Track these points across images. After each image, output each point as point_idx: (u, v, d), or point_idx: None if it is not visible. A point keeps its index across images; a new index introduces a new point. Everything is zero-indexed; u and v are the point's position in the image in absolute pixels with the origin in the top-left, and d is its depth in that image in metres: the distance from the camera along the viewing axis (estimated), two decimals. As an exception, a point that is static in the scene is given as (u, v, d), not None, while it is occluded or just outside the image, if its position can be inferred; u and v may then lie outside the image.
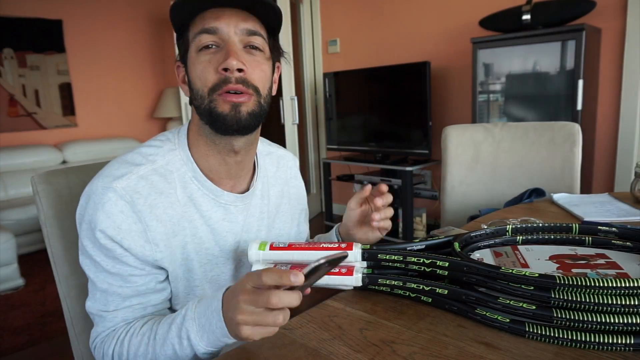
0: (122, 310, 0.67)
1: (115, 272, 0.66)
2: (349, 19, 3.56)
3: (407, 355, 0.53)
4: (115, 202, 0.64)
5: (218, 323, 0.56)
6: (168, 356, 0.61)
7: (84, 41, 3.96)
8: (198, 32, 0.66)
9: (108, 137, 4.04)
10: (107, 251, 0.65)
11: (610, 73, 2.41)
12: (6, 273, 2.62)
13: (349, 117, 3.37)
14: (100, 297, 0.67)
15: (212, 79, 0.65)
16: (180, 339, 0.59)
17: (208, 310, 0.58)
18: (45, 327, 2.18)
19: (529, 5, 2.29)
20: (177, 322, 0.61)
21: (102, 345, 0.67)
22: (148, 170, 0.68)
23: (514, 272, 0.56)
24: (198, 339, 0.58)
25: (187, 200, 0.71)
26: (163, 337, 0.61)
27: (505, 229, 0.79)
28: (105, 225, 0.64)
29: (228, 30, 0.66)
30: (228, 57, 0.64)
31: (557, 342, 0.53)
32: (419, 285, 0.65)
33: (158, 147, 0.72)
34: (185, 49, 0.69)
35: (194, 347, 0.59)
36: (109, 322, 0.67)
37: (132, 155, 0.71)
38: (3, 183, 3.39)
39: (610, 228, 0.77)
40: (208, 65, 0.66)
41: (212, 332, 0.57)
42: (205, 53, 0.66)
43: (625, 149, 2.40)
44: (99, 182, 0.66)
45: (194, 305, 0.60)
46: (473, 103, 2.57)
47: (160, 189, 0.68)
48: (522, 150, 1.55)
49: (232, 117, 0.65)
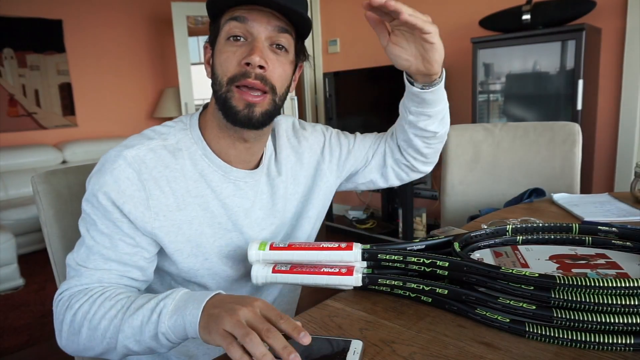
0: (100, 271, 0.67)
1: (107, 232, 0.68)
2: (349, 19, 3.56)
3: (407, 355, 0.53)
4: (124, 168, 0.67)
5: (193, 311, 0.55)
6: (133, 327, 0.60)
7: (84, 41, 3.96)
8: (229, 19, 0.68)
9: (108, 137, 4.05)
10: (106, 213, 0.67)
11: (610, 73, 2.41)
12: (6, 273, 2.63)
13: (349, 117, 3.37)
14: (84, 253, 0.68)
15: (232, 69, 0.68)
16: (151, 312, 0.59)
17: (191, 298, 0.58)
18: (45, 327, 2.18)
19: (529, 5, 2.29)
20: (159, 296, 0.61)
21: (69, 299, 0.65)
22: (158, 145, 0.72)
23: (514, 272, 0.56)
24: (167, 317, 0.57)
25: (198, 177, 0.73)
26: (139, 305, 0.60)
27: (505, 229, 0.79)
28: (110, 188, 0.66)
29: (258, 24, 0.68)
30: (252, 52, 0.66)
31: (557, 342, 0.53)
32: (419, 285, 0.65)
33: (171, 127, 0.76)
34: (215, 34, 0.71)
35: (159, 323, 0.57)
36: (84, 279, 0.67)
37: (147, 131, 0.75)
38: (3, 183, 3.39)
39: (610, 228, 0.77)
40: (232, 55, 0.68)
41: (182, 316, 0.56)
42: (233, 44, 0.68)
43: (625, 149, 2.40)
44: (112, 151, 0.70)
45: (183, 290, 0.61)
46: (473, 103, 2.57)
47: (167, 163, 0.71)
48: (522, 150, 1.55)
49: (245, 115, 0.69)
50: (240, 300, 0.54)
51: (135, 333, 0.60)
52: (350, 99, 3.37)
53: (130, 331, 0.60)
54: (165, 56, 4.45)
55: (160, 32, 4.43)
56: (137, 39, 4.31)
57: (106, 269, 0.68)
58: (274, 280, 0.69)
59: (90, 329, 0.63)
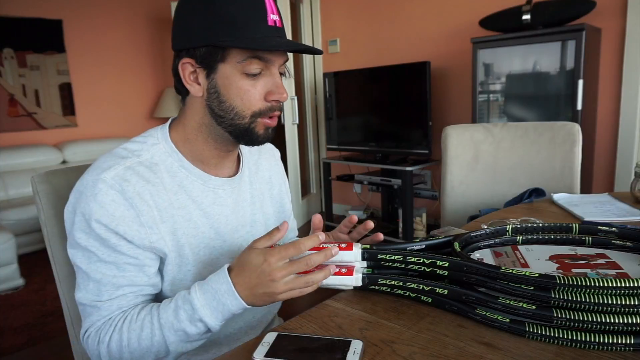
0: (116, 299, 0.68)
1: (111, 260, 0.67)
2: (349, 19, 3.56)
3: (407, 355, 0.53)
4: (106, 192, 0.67)
5: (234, 302, 0.62)
6: (179, 337, 0.65)
7: (84, 41, 3.96)
8: (250, 57, 0.68)
9: (108, 137, 4.05)
10: (103, 240, 0.66)
11: (610, 73, 2.41)
12: (6, 273, 2.63)
13: (349, 117, 3.37)
14: (94, 288, 0.68)
15: (258, 104, 0.71)
16: (193, 323, 0.64)
17: (218, 294, 0.63)
18: (45, 327, 2.18)
19: (529, 5, 2.29)
20: (185, 310, 0.64)
21: (97, 333, 0.67)
22: (134, 162, 0.71)
23: (514, 272, 0.56)
24: (213, 319, 0.63)
25: (177, 188, 0.74)
26: (170, 323, 0.64)
27: (505, 229, 0.79)
28: (100, 215, 0.66)
29: (275, 62, 0.71)
30: (282, 91, 0.71)
31: (557, 342, 0.53)
32: (419, 285, 0.65)
33: (141, 142, 0.75)
34: (216, 59, 0.69)
35: (210, 326, 0.64)
36: (104, 312, 0.68)
37: (118, 150, 0.74)
38: (3, 183, 3.39)
39: (610, 228, 0.77)
40: (253, 89, 0.70)
41: (228, 311, 0.63)
42: (251, 77, 0.70)
43: (625, 149, 2.40)
44: (88, 176, 0.69)
45: (198, 292, 0.64)
46: (473, 103, 2.57)
47: (147, 178, 0.71)
48: (522, 150, 1.55)
49: (264, 136, 0.74)
50: (255, 272, 0.62)
51: (183, 338, 0.65)
52: (350, 99, 3.37)
53: (178, 339, 0.65)
54: (165, 56, 4.45)
55: (160, 32, 4.43)
56: (137, 39, 4.31)
57: (121, 295, 0.68)
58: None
59: (131, 352, 0.66)
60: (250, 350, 0.54)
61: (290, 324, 0.63)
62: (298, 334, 0.58)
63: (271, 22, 0.68)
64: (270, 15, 0.68)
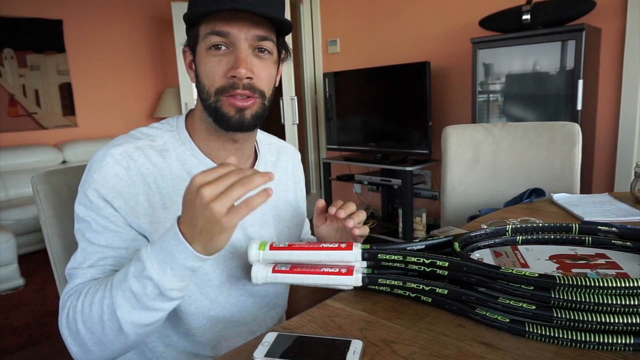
0: (94, 267, 0.67)
1: (102, 230, 0.68)
2: (349, 19, 3.56)
3: (407, 355, 0.53)
4: (112, 165, 0.68)
5: (179, 247, 0.55)
6: (128, 300, 0.58)
7: (84, 41, 3.96)
8: (209, 33, 0.67)
9: (108, 137, 4.05)
10: (98, 209, 0.67)
11: (610, 73, 2.41)
12: (6, 273, 2.63)
13: (349, 117, 3.37)
14: (80, 255, 0.68)
15: (220, 81, 0.68)
16: (140, 280, 0.57)
17: (165, 242, 0.56)
18: (45, 327, 2.18)
19: (529, 5, 2.29)
20: (134, 266, 0.58)
21: (64, 304, 0.64)
22: (145, 144, 0.72)
23: (514, 272, 0.56)
24: (161, 275, 0.56)
25: (186, 176, 0.74)
26: (119, 281, 0.59)
27: (505, 229, 0.79)
28: (99, 185, 0.67)
29: (239, 35, 0.67)
30: (238, 65, 0.66)
31: (557, 342, 0.53)
32: (419, 285, 0.65)
33: (158, 128, 0.76)
34: (195, 40, 0.70)
35: (159, 285, 0.57)
36: (78, 279, 0.66)
37: (134, 132, 0.75)
38: (3, 183, 3.39)
39: (610, 228, 0.77)
40: (217, 65, 0.68)
41: (175, 260, 0.56)
42: (215, 53, 0.68)
43: (625, 149, 2.40)
44: (100, 151, 0.70)
45: (148, 247, 0.58)
46: (473, 103, 2.57)
47: (154, 161, 0.71)
48: (521, 150, 1.55)
49: (237, 119, 0.70)
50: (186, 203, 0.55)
51: (134, 303, 0.58)
52: (350, 99, 3.37)
53: (127, 303, 0.58)
54: (165, 56, 4.45)
55: (160, 32, 4.43)
56: (137, 39, 4.31)
57: (101, 265, 0.67)
58: (274, 280, 0.69)
59: (84, 321, 0.60)
60: (250, 350, 0.54)
61: (290, 324, 0.63)
62: (298, 334, 0.58)
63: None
64: None
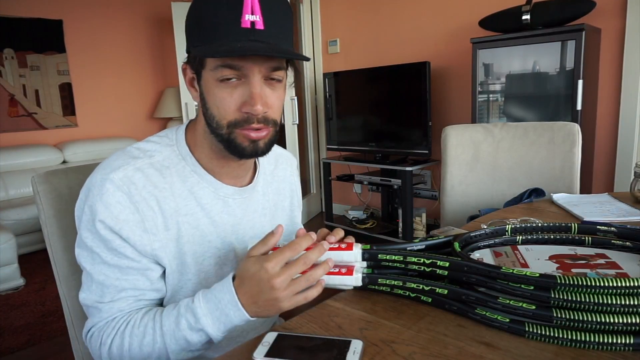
0: (118, 301, 0.68)
1: (114, 264, 0.67)
2: (349, 19, 3.56)
3: (407, 355, 0.53)
4: (113, 193, 0.65)
5: (236, 312, 0.61)
6: (180, 345, 0.64)
7: (84, 41, 3.96)
8: (221, 65, 0.63)
9: (108, 137, 4.05)
10: (106, 242, 0.66)
11: (610, 73, 2.41)
12: (6, 273, 2.63)
13: (349, 117, 3.37)
14: (97, 289, 0.67)
15: (232, 114, 0.65)
16: (195, 332, 0.63)
17: (221, 304, 0.62)
18: (45, 327, 2.18)
19: (528, 6, 2.29)
20: (186, 318, 0.63)
21: (99, 335, 0.67)
22: (145, 164, 0.69)
23: (514, 272, 0.56)
24: (215, 330, 0.62)
25: (187, 194, 0.72)
26: (172, 330, 0.63)
27: (505, 229, 0.80)
28: (104, 216, 0.65)
29: (253, 68, 0.64)
30: (255, 102, 0.63)
31: (557, 342, 0.53)
32: (419, 285, 0.65)
33: (156, 143, 0.74)
34: (200, 64, 0.66)
35: (212, 336, 0.63)
36: (105, 313, 0.68)
37: (131, 149, 0.72)
38: (3, 183, 3.39)
39: (609, 228, 0.77)
40: (229, 98, 0.65)
41: (230, 322, 0.62)
42: (226, 85, 0.64)
43: (625, 149, 2.40)
44: (97, 174, 0.68)
45: (201, 302, 0.63)
46: (473, 103, 2.57)
47: (155, 182, 0.69)
48: (521, 150, 1.55)
49: (251, 149, 0.68)
50: (254, 280, 0.60)
51: (184, 347, 0.64)
52: (350, 99, 3.37)
53: (179, 347, 0.64)
54: (165, 56, 4.45)
55: (160, 32, 4.42)
56: (137, 39, 4.31)
57: (123, 297, 0.68)
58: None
59: (131, 357, 0.65)
60: (250, 350, 0.54)
61: (290, 324, 0.63)
62: (298, 333, 0.58)
63: (245, 24, 0.61)
64: (246, 16, 0.61)
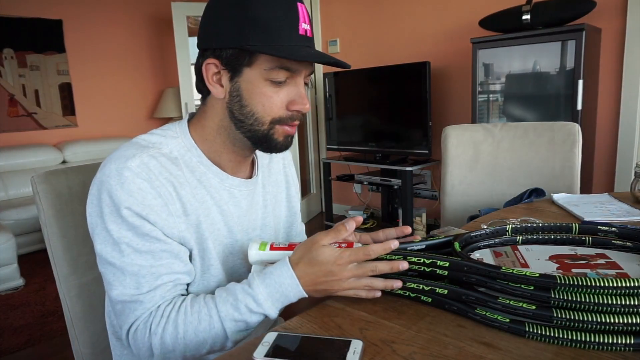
0: (157, 289, 0.67)
1: (146, 250, 0.66)
2: (349, 19, 3.56)
3: (407, 355, 0.53)
4: (133, 179, 0.65)
5: (297, 294, 0.65)
6: (239, 327, 0.66)
7: (84, 41, 3.96)
8: (277, 66, 0.67)
9: (108, 137, 4.05)
10: (136, 228, 0.65)
11: (610, 73, 2.41)
12: (6, 273, 2.63)
13: (349, 117, 3.37)
14: (131, 282, 0.66)
15: (278, 112, 0.70)
16: (254, 314, 0.65)
17: (283, 287, 0.65)
18: (45, 327, 2.18)
19: (529, 5, 2.29)
20: (246, 303, 0.65)
21: (146, 325, 0.66)
22: (156, 153, 0.70)
23: (514, 272, 0.56)
24: (274, 309, 0.65)
25: (197, 183, 0.73)
26: (231, 315, 0.65)
27: (505, 229, 0.79)
28: (130, 203, 0.65)
29: (302, 71, 0.70)
30: (305, 102, 0.71)
31: (557, 342, 0.53)
32: (419, 285, 0.65)
33: (161, 135, 0.74)
34: (247, 63, 0.68)
35: (270, 316, 0.66)
36: (147, 303, 0.67)
37: (138, 140, 0.73)
38: (3, 183, 3.39)
39: (610, 228, 0.77)
40: (275, 97, 0.69)
41: (289, 301, 0.66)
42: (275, 84, 0.69)
43: (625, 149, 2.40)
44: (111, 165, 0.67)
45: (260, 287, 0.65)
46: (473, 103, 2.57)
47: (169, 169, 0.70)
48: (521, 150, 1.55)
49: (284, 144, 0.74)
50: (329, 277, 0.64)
51: (242, 328, 0.66)
52: (350, 99, 3.37)
53: (237, 328, 0.66)
54: (165, 56, 4.45)
55: (160, 32, 4.43)
56: (137, 39, 4.31)
57: (160, 285, 0.67)
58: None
59: (186, 344, 0.66)
60: (250, 350, 0.54)
61: (290, 324, 0.63)
62: (298, 334, 0.58)
63: (302, 31, 0.67)
64: (302, 24, 0.67)
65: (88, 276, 0.86)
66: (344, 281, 0.64)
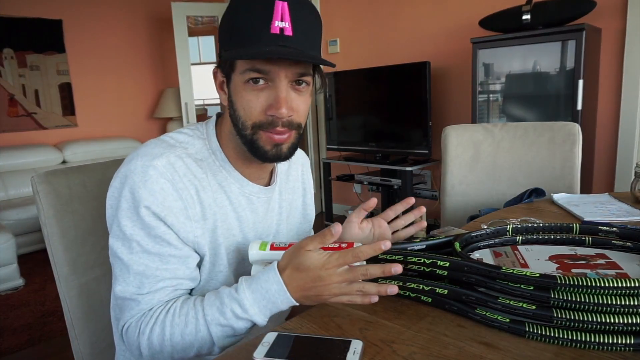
0: (157, 292, 0.67)
1: (155, 252, 0.67)
2: (349, 19, 3.56)
3: (407, 355, 0.53)
4: (157, 179, 0.66)
5: (285, 301, 0.62)
6: (226, 333, 0.64)
7: (84, 41, 3.96)
8: (248, 69, 0.66)
9: (108, 137, 4.05)
10: (150, 229, 0.66)
11: (610, 73, 2.41)
12: (6, 273, 2.63)
13: (349, 117, 3.37)
14: (134, 280, 0.67)
15: (257, 116, 0.68)
16: (241, 320, 0.63)
17: (270, 294, 0.62)
18: (45, 327, 2.18)
19: (529, 5, 2.28)
20: (232, 308, 0.63)
21: (137, 325, 0.67)
22: (182, 153, 0.71)
23: (514, 272, 0.56)
24: (261, 317, 0.63)
25: (217, 187, 0.74)
26: (217, 319, 0.64)
27: (505, 229, 0.80)
28: (150, 202, 0.65)
29: (279, 72, 0.66)
30: (280, 106, 0.66)
31: (557, 342, 0.53)
32: (419, 285, 0.65)
33: (188, 135, 0.75)
34: (230, 68, 0.69)
35: (257, 323, 0.63)
36: (143, 305, 0.67)
37: (166, 138, 0.73)
38: (3, 183, 3.39)
39: (610, 228, 0.77)
40: (255, 100, 0.67)
41: (277, 309, 0.63)
42: (253, 87, 0.67)
43: (625, 149, 2.40)
44: (137, 161, 0.67)
45: (246, 292, 0.63)
46: (473, 103, 2.57)
47: (194, 171, 0.71)
48: (522, 150, 1.55)
49: (274, 153, 0.70)
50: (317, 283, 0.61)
51: (229, 334, 0.65)
52: (350, 99, 3.37)
53: (224, 334, 0.64)
54: (165, 56, 4.45)
55: (160, 32, 4.43)
56: (137, 39, 4.31)
57: (161, 288, 0.68)
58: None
59: (173, 345, 0.65)
60: (250, 350, 0.54)
61: (290, 324, 0.63)
62: (298, 334, 0.58)
63: (274, 30, 0.64)
64: (275, 22, 0.64)
65: (88, 276, 0.86)
66: (333, 286, 0.60)
